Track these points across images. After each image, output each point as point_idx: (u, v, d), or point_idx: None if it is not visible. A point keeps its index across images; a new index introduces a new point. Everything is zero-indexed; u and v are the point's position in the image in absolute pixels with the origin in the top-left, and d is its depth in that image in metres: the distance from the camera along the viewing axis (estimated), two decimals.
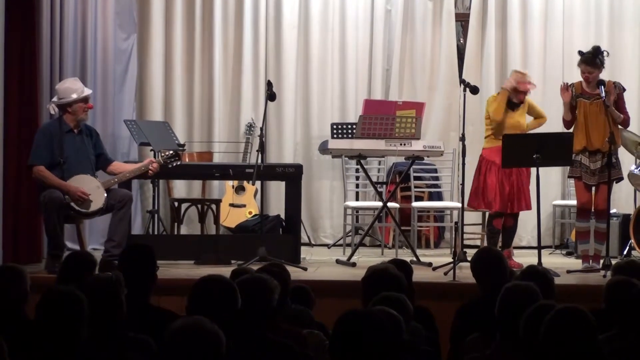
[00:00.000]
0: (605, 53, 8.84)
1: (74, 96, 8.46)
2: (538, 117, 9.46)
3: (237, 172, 9.57)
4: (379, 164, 11.26)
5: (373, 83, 11.57)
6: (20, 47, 9.08)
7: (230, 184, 11.07)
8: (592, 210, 8.93)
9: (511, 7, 11.49)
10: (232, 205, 10.97)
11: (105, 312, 4.38)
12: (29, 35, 9.13)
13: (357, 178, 11.18)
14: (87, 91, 8.62)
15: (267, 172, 9.17)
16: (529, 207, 9.21)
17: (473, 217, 10.85)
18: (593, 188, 8.85)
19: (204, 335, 3.59)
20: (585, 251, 8.98)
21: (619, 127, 8.95)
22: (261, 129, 9.04)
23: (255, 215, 10.85)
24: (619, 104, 8.85)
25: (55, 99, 8.58)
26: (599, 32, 11.38)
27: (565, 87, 8.90)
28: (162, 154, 8.84)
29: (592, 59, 8.78)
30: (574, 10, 11.47)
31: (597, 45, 9.00)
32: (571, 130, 8.88)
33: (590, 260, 8.88)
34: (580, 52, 8.91)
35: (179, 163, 8.80)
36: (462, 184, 8.90)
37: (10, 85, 8.98)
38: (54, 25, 9.69)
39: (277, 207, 11.01)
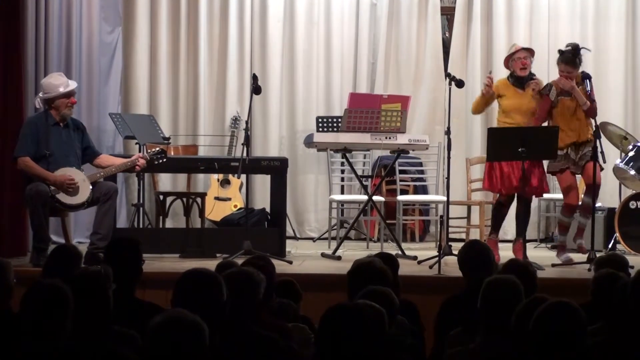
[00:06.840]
0: (584, 50, 8.70)
1: (58, 91, 8.43)
2: None
3: (222, 166, 9.57)
4: (364, 157, 11.26)
5: (358, 76, 11.57)
6: (5, 39, 9.03)
7: (215, 177, 11.07)
8: (579, 203, 8.93)
9: (497, 1, 11.50)
10: (217, 198, 10.97)
11: (92, 306, 4.37)
12: (14, 28, 9.09)
13: (343, 172, 11.18)
14: (72, 85, 8.56)
15: (252, 166, 9.15)
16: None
17: (458, 211, 10.86)
18: (578, 182, 8.84)
19: (185, 326, 3.58)
20: (562, 242, 8.97)
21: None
22: (246, 122, 9.02)
23: (241, 208, 10.84)
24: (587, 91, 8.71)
25: (40, 93, 8.55)
26: (585, 27, 11.40)
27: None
28: (149, 150, 8.82)
29: (572, 59, 8.64)
30: (560, 4, 11.48)
31: (576, 43, 8.81)
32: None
33: (576, 239, 8.90)
34: (560, 51, 8.76)
35: (165, 160, 8.80)
36: (448, 178, 8.89)
37: None
38: (38, 18, 9.65)
39: (262, 200, 11.01)
